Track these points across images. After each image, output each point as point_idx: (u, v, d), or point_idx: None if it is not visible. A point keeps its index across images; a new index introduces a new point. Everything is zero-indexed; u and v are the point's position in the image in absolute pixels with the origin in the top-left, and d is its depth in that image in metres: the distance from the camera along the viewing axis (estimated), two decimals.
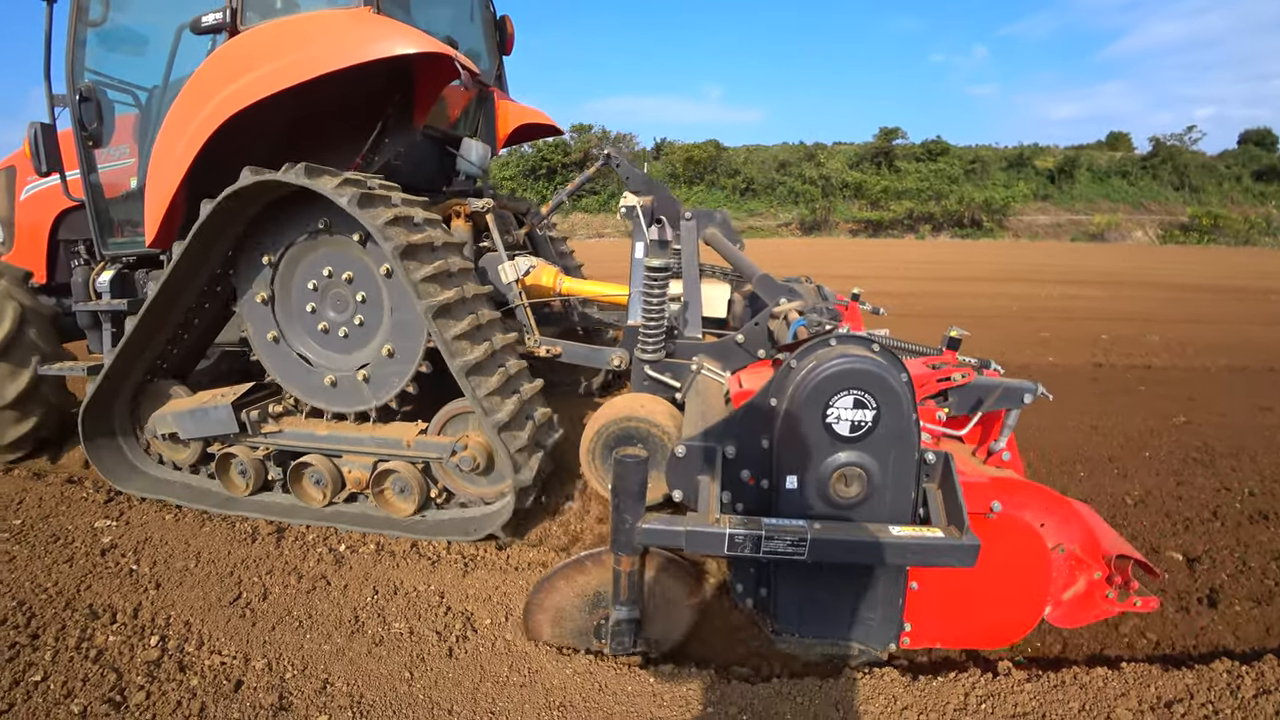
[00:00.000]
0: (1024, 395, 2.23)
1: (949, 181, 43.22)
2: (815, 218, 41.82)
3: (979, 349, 7.27)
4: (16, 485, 3.80)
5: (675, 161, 45.43)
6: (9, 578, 2.85)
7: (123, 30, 3.69)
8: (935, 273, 17.02)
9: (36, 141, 3.61)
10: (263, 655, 2.28)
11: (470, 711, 1.97)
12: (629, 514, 1.88)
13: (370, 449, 3.16)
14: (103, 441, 3.56)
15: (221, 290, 3.37)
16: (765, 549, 1.77)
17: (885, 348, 1.86)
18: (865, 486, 1.87)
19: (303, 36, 3.05)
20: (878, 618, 2.03)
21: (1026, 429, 4.55)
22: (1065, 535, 2.00)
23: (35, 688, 2.18)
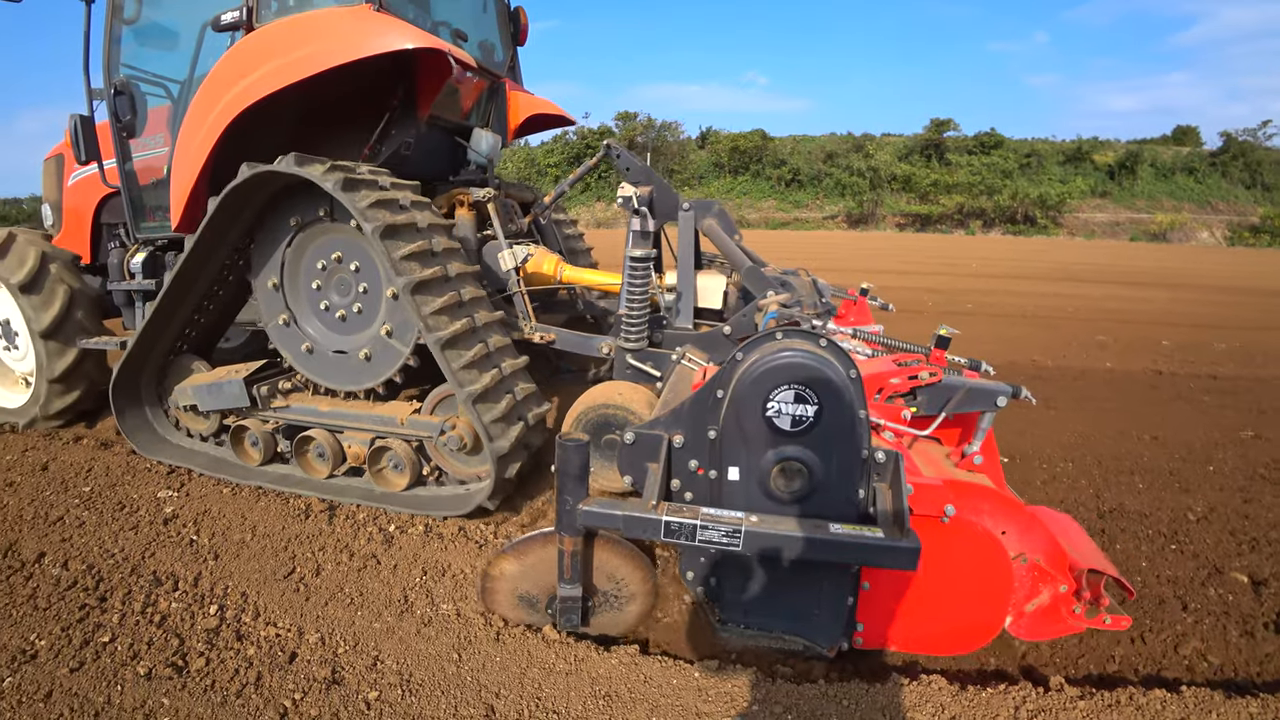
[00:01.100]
0: (997, 398, 2.14)
1: (1002, 176, 41.87)
2: (862, 211, 41.03)
3: (1032, 349, 7.08)
4: (86, 454, 3.99)
5: (721, 151, 45.05)
6: (79, 542, 3.00)
7: (155, 27, 3.88)
8: (986, 270, 16.56)
9: (76, 132, 3.86)
10: (316, 629, 2.35)
11: (517, 696, 2.00)
12: (571, 496, 1.95)
13: (368, 425, 3.33)
14: (131, 411, 3.81)
15: (237, 272, 3.56)
16: (700, 538, 1.79)
17: (833, 344, 1.84)
18: (807, 482, 1.87)
19: (305, 34, 3.18)
20: (823, 615, 2.02)
21: (1077, 436, 4.41)
22: (1028, 545, 1.93)
23: (104, 648, 2.30)
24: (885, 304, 4.40)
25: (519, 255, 3.52)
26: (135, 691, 2.09)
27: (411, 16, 3.70)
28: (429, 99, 3.52)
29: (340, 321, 3.34)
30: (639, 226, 3.22)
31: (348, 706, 2.00)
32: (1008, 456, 4.06)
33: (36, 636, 2.36)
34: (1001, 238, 35.80)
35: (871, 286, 4.24)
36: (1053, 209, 40.50)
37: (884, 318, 4.04)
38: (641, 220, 3.21)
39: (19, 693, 2.09)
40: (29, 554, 2.91)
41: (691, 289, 3.35)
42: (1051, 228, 39.78)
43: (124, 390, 3.73)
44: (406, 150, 3.77)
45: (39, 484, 3.61)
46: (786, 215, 41.85)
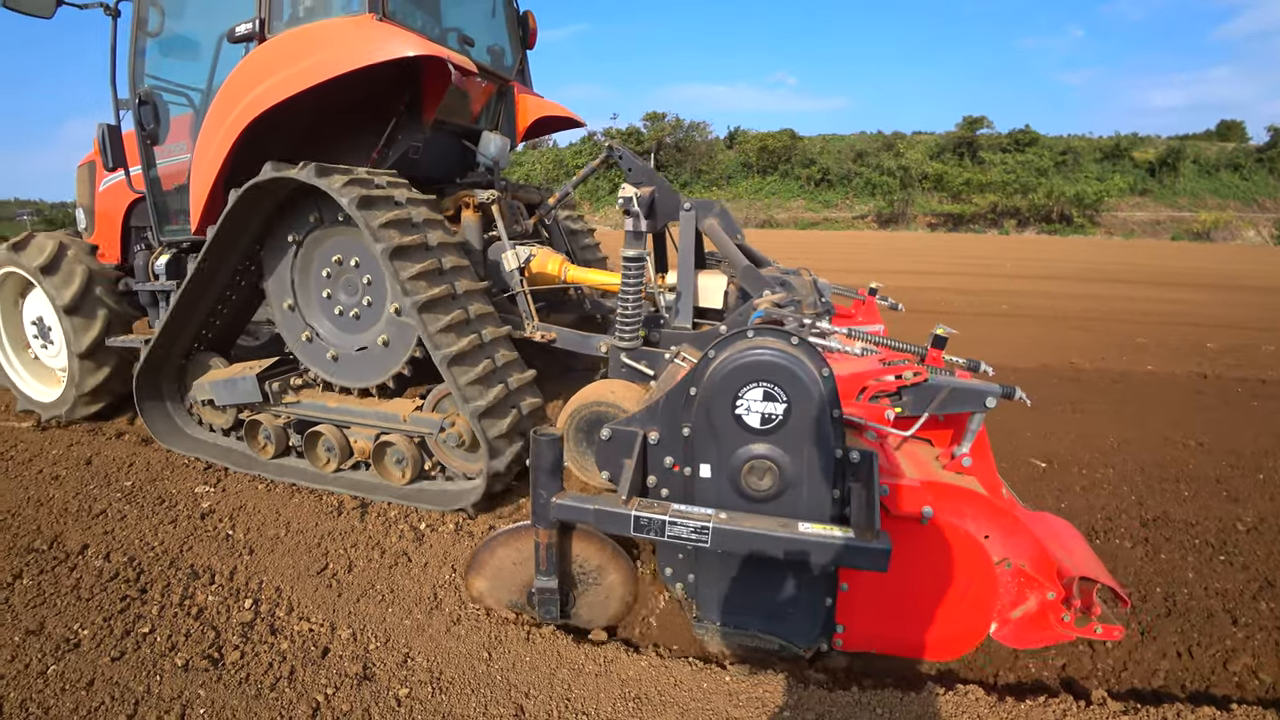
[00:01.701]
0: (986, 399, 2.06)
1: (1037, 174, 40.99)
2: (893, 210, 40.48)
3: (1069, 352, 6.91)
4: (127, 449, 4.10)
5: (749, 151, 44.81)
6: (121, 535, 3.08)
7: (177, 39, 4.02)
8: (1020, 270, 16.22)
9: (104, 141, 4.00)
10: (348, 625, 2.38)
11: (546, 696, 2.00)
12: (544, 489, 1.99)
13: (373, 421, 3.43)
14: (153, 404, 3.97)
15: (252, 273, 3.68)
16: (669, 534, 1.80)
17: (805, 342, 1.84)
18: (778, 480, 1.85)
19: (310, 45, 3.28)
20: (798, 614, 1.99)
21: (1117, 441, 4.29)
22: (1012, 550, 1.87)
23: (144, 639, 2.35)
24: (894, 304, 4.38)
25: (521, 255, 3.60)
26: (173, 682, 2.13)
27: (420, 24, 3.84)
28: (433, 104, 3.59)
29: (349, 320, 3.42)
30: (632, 227, 3.26)
31: (379, 703, 2.01)
32: (1044, 461, 3.96)
33: (80, 626, 2.42)
34: (1036, 237, 35.03)
35: (881, 286, 4.21)
36: (1090, 208, 39.54)
37: (912, 318, 4.00)
38: (634, 221, 3.25)
39: (63, 680, 2.15)
40: (73, 545, 2.99)
41: (691, 289, 3.37)
42: (1089, 227, 38.84)
43: (147, 385, 3.90)
44: (415, 154, 3.87)
45: (83, 478, 3.71)
46: (816, 215, 41.47)
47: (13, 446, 4.19)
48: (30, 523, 3.21)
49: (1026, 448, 4.18)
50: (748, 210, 40.21)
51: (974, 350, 6.77)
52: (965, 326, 8.63)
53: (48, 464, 3.92)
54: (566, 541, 2.19)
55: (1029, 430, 4.47)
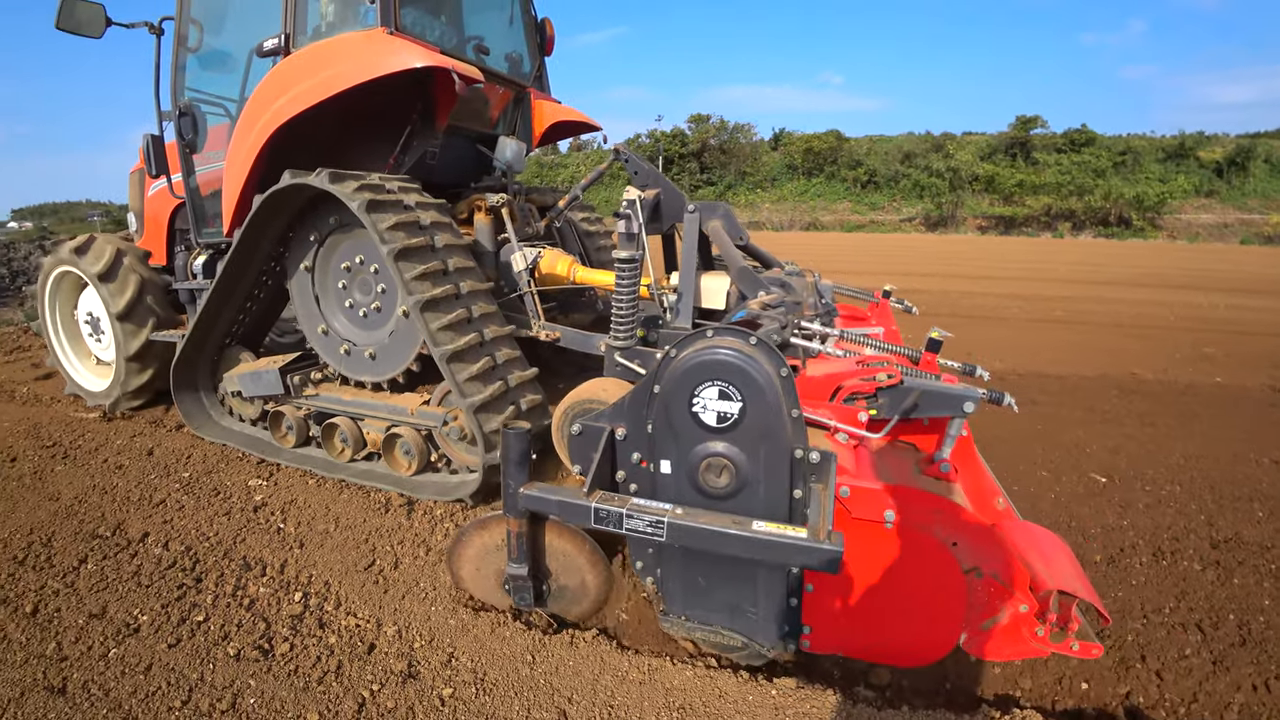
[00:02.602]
0: (964, 403, 2.02)
1: (1094, 175, 39.42)
2: (941, 213, 39.46)
3: (1128, 361, 6.62)
4: (186, 442, 4.24)
5: (794, 152, 44.27)
6: (179, 525, 3.18)
7: (214, 54, 4.25)
8: (1076, 275, 15.62)
9: (148, 150, 4.30)
10: (394, 622, 2.41)
11: (589, 703, 1.99)
12: (513, 480, 2.10)
13: (383, 414, 3.58)
14: (188, 395, 4.21)
15: (277, 272, 3.85)
16: (627, 526, 1.86)
17: (763, 342, 1.84)
18: (734, 478, 1.88)
19: (327, 59, 3.44)
20: (760, 613, 2.00)
21: (1184, 457, 4.08)
22: (982, 558, 1.78)
23: (198, 627, 2.42)
24: (908, 306, 4.37)
25: (529, 256, 3.68)
26: (225, 671, 2.18)
27: (438, 34, 4.06)
28: (445, 112, 3.71)
29: (363, 317, 3.58)
30: (624, 229, 3.31)
31: (423, 701, 2.03)
32: (1105, 476, 3.80)
33: (139, 611, 2.51)
34: (1093, 241, 33.69)
35: (894, 289, 4.21)
36: (1151, 210, 37.81)
37: (959, 323, 3.86)
38: (627, 223, 3.30)
39: (123, 663, 2.22)
40: (135, 533, 3.11)
41: (692, 289, 3.41)
42: (1149, 230, 37.18)
43: (182, 377, 4.14)
44: (432, 159, 4.01)
45: (145, 468, 3.85)
46: (862, 218, 40.71)
47: (80, 436, 4.38)
48: (95, 510, 3.34)
49: (1086, 461, 4.02)
50: (792, 213, 39.73)
51: (1027, 358, 6.58)
52: (1018, 333, 8.38)
53: (112, 453, 4.09)
54: (539, 531, 2.27)
55: (1090, 443, 4.29)
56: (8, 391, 5.52)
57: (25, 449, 4.15)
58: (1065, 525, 3.25)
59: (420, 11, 3.97)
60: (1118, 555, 2.98)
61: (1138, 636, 2.44)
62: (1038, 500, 3.51)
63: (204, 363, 4.20)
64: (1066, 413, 4.95)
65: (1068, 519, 3.31)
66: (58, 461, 3.98)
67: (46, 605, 2.55)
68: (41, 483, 3.68)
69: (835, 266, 15.92)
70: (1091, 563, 2.92)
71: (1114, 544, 3.08)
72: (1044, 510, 3.40)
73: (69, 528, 3.15)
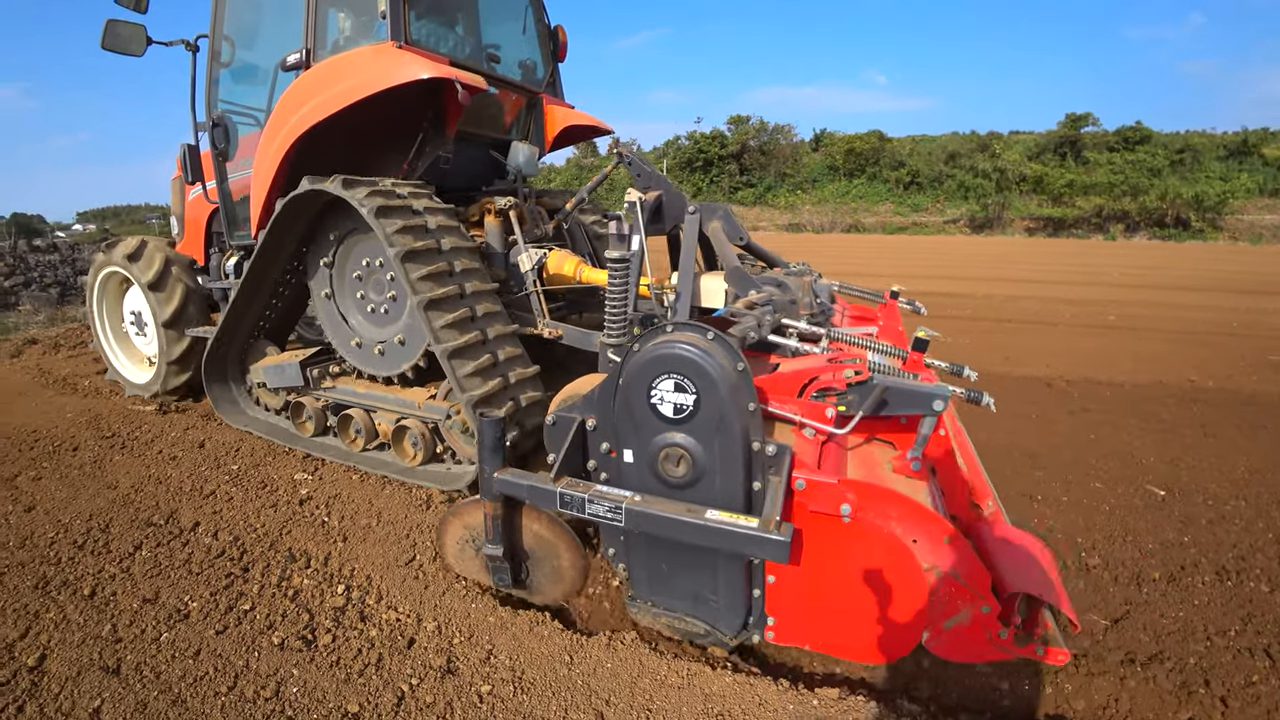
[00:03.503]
0: (933, 402, 2.01)
1: (1149, 174, 37.86)
2: (987, 215, 38.40)
3: (1186, 369, 6.33)
4: (235, 435, 4.36)
5: (835, 153, 43.58)
6: (228, 515, 3.27)
7: (245, 68, 4.49)
8: (1129, 278, 15.05)
9: (185, 159, 4.59)
10: (433, 618, 2.43)
11: (627, 705, 1.97)
12: (488, 465, 2.21)
13: (393, 407, 3.76)
14: (218, 385, 4.47)
15: (300, 272, 4.05)
16: (588, 511, 1.96)
17: (721, 337, 1.90)
18: (691, 468, 1.93)
19: (341, 72, 3.64)
20: (720, 601, 2.05)
21: (1248, 471, 3.89)
22: (942, 558, 1.76)
23: (245, 615, 2.48)
24: (917, 306, 4.34)
25: (534, 257, 3.83)
26: (270, 659, 2.23)
27: (451, 45, 4.22)
28: (454, 120, 3.87)
29: (377, 315, 3.75)
30: (615, 230, 3.40)
31: (461, 697, 2.04)
32: (1163, 489, 3.64)
33: (189, 598, 2.58)
34: (1147, 243, 32.42)
35: (903, 290, 4.23)
36: (1211, 210, 36.14)
37: (1004, 329, 3.72)
38: (618, 225, 3.42)
39: (173, 648, 2.29)
40: (186, 522, 3.20)
41: (689, 289, 3.47)
42: (1209, 232, 35.59)
43: (213, 369, 4.40)
44: (445, 164, 4.19)
45: (196, 459, 3.98)
46: (904, 219, 39.84)
47: (138, 427, 4.54)
48: (150, 498, 3.46)
49: (1143, 473, 3.86)
50: (833, 214, 39.03)
51: (1077, 365, 6.37)
52: (1067, 339, 8.10)
53: (166, 445, 4.23)
54: (516, 516, 2.37)
55: (1147, 454, 4.12)
56: (71, 384, 5.76)
57: (86, 439, 4.32)
58: (1121, 540, 3.12)
59: (435, 23, 4.18)
60: (1178, 573, 2.85)
61: (1200, 660, 2.33)
62: (1091, 513, 3.38)
63: (233, 356, 4.45)
64: (1120, 421, 4.76)
65: (1123, 533, 3.18)
66: (116, 451, 4.13)
67: (103, 589, 2.65)
68: (101, 471, 3.83)
69: (875, 270, 15.65)
70: (1150, 580, 2.80)
71: (1174, 561, 2.94)
72: (1098, 524, 3.27)
73: (125, 515, 3.27)
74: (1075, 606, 2.61)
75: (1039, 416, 4.87)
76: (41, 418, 4.76)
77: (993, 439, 4.35)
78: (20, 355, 7.11)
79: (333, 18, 3.95)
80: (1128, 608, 2.63)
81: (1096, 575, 2.85)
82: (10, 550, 2.95)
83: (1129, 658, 2.35)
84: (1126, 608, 2.63)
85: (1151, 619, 2.56)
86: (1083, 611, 2.60)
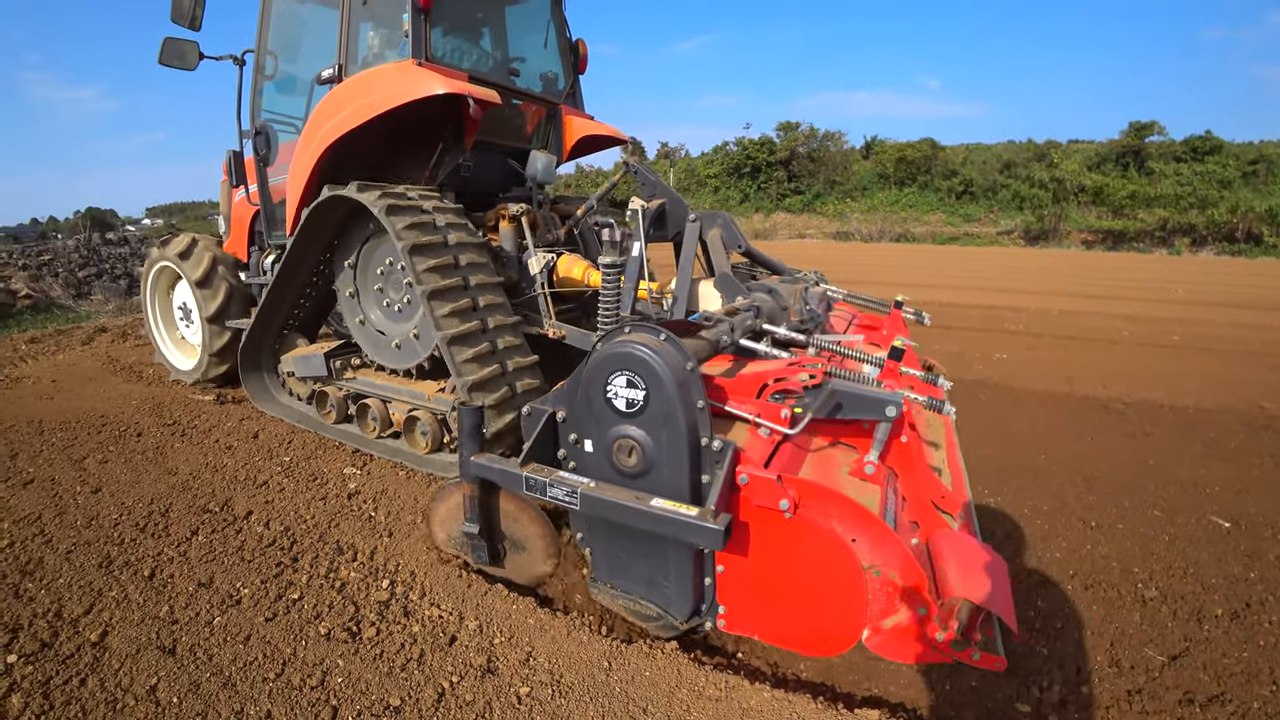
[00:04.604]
0: (886, 408, 2.11)
1: (1219, 186, 36.09)
2: (1043, 226, 37.18)
3: (1257, 394, 6.00)
4: (287, 427, 4.51)
5: (886, 161, 42.77)
6: (280, 505, 3.38)
7: (287, 81, 4.83)
8: (1196, 296, 14.39)
9: (230, 164, 5.01)
10: (475, 617, 2.46)
11: (664, 715, 1.97)
12: (466, 450, 2.38)
13: (405, 398, 3.98)
14: (252, 374, 4.76)
15: (326, 271, 4.31)
16: (549, 494, 2.13)
17: (672, 338, 2.03)
18: (642, 459, 2.05)
19: (366, 87, 3.87)
20: (670, 586, 2.15)
21: None
22: (880, 558, 1.81)
23: (293, 604, 2.55)
24: (920, 316, 4.36)
25: (542, 260, 4.02)
26: (316, 649, 2.29)
27: (474, 59, 4.55)
28: (473, 130, 4.07)
29: (395, 311, 3.98)
30: (609, 238, 3.64)
31: (500, 698, 2.06)
32: (1229, 520, 3.47)
33: (241, 585, 2.67)
34: (1216, 259, 30.93)
35: (906, 299, 4.29)
36: None
37: (1059, 345, 3.58)
38: (610, 232, 3.66)
39: (225, 632, 2.37)
40: (240, 510, 3.32)
41: (685, 294, 3.65)
42: None
43: (248, 358, 4.70)
44: (466, 171, 4.45)
45: (250, 450, 4.12)
46: (955, 230, 38.86)
47: (196, 417, 4.73)
48: (207, 485, 3.59)
49: (1207, 502, 3.68)
50: (882, 223, 38.25)
51: (1137, 385, 6.13)
52: (1127, 358, 7.78)
53: (223, 434, 4.39)
54: (492, 497, 2.52)
55: (1211, 483, 3.93)
56: (136, 372, 6.04)
57: (149, 425, 4.52)
58: (1181, 572, 2.98)
59: (460, 39, 4.52)
60: (1243, 610, 2.71)
61: (1265, 705, 2.21)
62: (1149, 542, 3.24)
63: (266, 347, 4.72)
64: (1183, 447, 4.55)
65: (1184, 565, 3.04)
66: (176, 439, 4.31)
67: (162, 571, 2.76)
68: (162, 457, 4.00)
69: (923, 280, 15.31)
70: (1212, 617, 2.67)
71: (1238, 597, 2.80)
72: (1156, 554, 3.13)
73: (184, 501, 3.40)
74: (1130, 641, 2.52)
75: (1095, 439, 4.70)
76: (109, 403, 5.00)
77: (1047, 462, 4.22)
78: (91, 342, 7.48)
79: (363, 36, 4.24)
80: (1187, 644, 2.51)
81: (1154, 608, 2.73)
82: (78, 529, 3.10)
83: (1187, 697, 2.25)
84: (1185, 644, 2.51)
85: (1213, 657, 2.44)
86: (1138, 646, 2.50)
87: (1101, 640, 2.53)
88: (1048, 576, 2.95)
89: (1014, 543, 3.23)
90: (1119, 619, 2.66)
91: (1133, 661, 2.42)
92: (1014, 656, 2.40)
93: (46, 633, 2.35)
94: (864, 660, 2.39)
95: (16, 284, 10.82)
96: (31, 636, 2.33)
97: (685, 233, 3.95)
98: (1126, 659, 2.43)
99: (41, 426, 4.47)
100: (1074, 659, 2.43)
